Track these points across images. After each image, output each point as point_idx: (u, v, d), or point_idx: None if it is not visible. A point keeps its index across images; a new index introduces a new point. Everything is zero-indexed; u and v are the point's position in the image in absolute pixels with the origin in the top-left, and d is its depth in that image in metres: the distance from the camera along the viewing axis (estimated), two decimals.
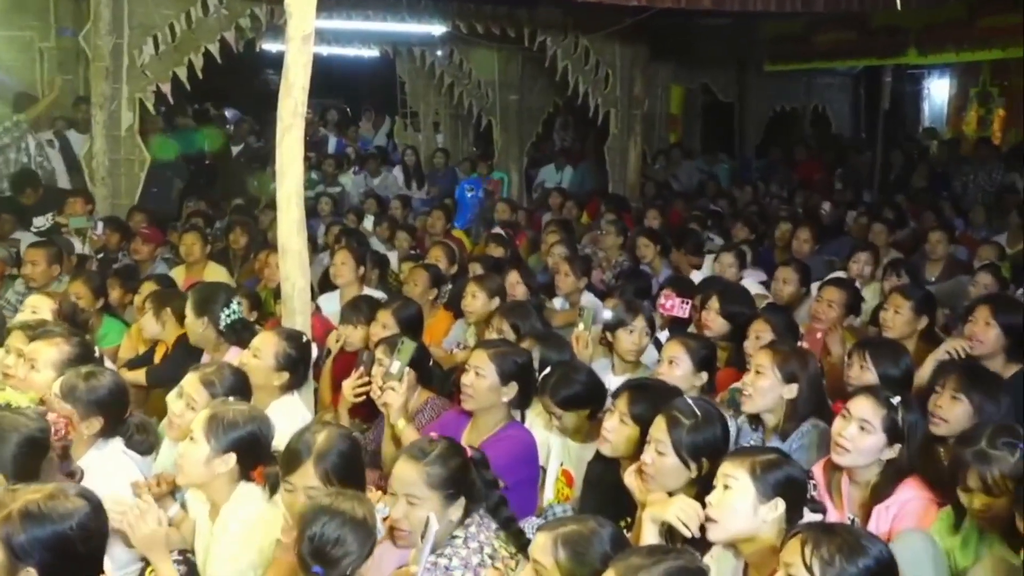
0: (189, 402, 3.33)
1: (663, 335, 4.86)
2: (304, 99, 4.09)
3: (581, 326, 4.47)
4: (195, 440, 2.96)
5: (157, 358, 4.84)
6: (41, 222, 7.62)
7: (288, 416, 3.72)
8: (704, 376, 3.93)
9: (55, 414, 3.00)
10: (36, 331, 3.72)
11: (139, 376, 4.66)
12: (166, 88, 8.06)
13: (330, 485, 2.74)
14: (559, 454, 3.74)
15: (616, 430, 3.21)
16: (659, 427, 2.95)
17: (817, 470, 3.21)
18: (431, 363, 4.20)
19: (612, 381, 3.97)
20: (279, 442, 3.51)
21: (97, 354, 3.78)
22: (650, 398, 3.17)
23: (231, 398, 3.17)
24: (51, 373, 3.49)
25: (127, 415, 3.36)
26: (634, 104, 10.44)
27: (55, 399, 3.19)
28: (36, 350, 3.57)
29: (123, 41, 7.88)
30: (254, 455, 2.96)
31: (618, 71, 10.31)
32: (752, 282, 6.01)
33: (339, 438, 2.85)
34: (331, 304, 5.70)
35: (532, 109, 11.82)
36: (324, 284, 6.22)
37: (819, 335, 4.26)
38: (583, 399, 3.65)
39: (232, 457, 2.91)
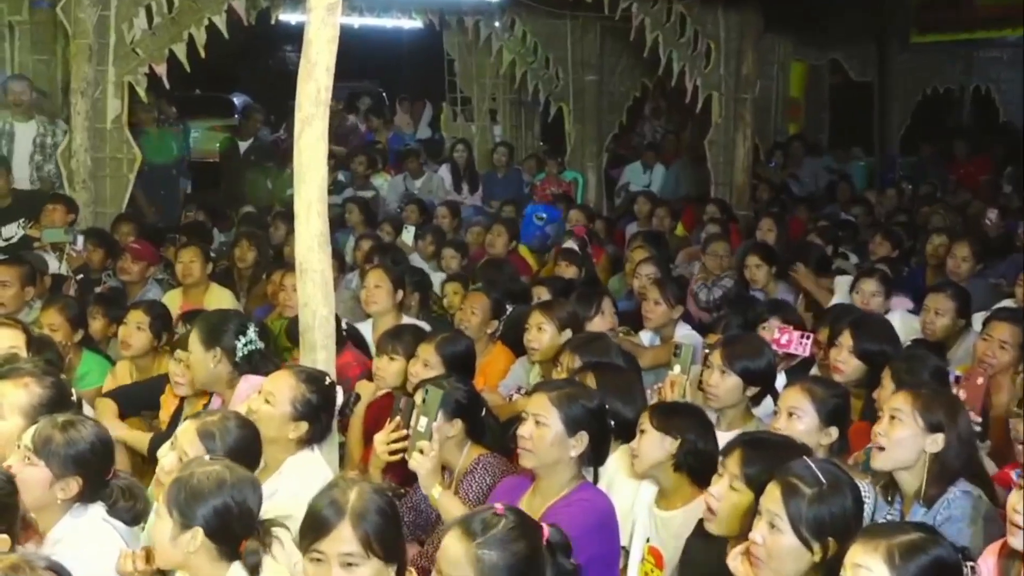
0: (182, 456, 3.38)
1: (779, 379, 4.82)
2: (329, 83, 4.15)
3: (677, 368, 4.45)
4: (159, 514, 3.02)
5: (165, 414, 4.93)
6: (10, 232, 7.82)
7: (306, 476, 3.76)
8: (834, 432, 3.89)
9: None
10: (2, 368, 3.82)
11: (138, 441, 4.74)
12: (161, 70, 8.25)
13: (371, 552, 2.77)
14: (646, 526, 3.74)
15: (725, 498, 3.21)
16: (772, 497, 2.93)
17: (988, 560, 3.14)
18: (484, 412, 4.21)
19: (720, 438, 3.96)
20: (297, 509, 3.58)
21: (75, 398, 3.86)
22: (771, 457, 3.15)
23: (206, 456, 3.20)
24: (19, 420, 3.57)
25: (110, 476, 3.42)
26: (743, 86, 10.41)
27: (21, 450, 3.27)
28: (1, 392, 3.64)
29: (109, 13, 8.09)
30: (229, 530, 2.97)
31: (723, 45, 10.30)
32: (902, 314, 5.95)
33: (376, 495, 2.88)
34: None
35: (614, 94, 11.87)
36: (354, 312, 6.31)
37: (980, 380, 4.19)
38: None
39: (199, 532, 2.95)
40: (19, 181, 8.35)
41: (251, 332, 4.52)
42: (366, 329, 5.84)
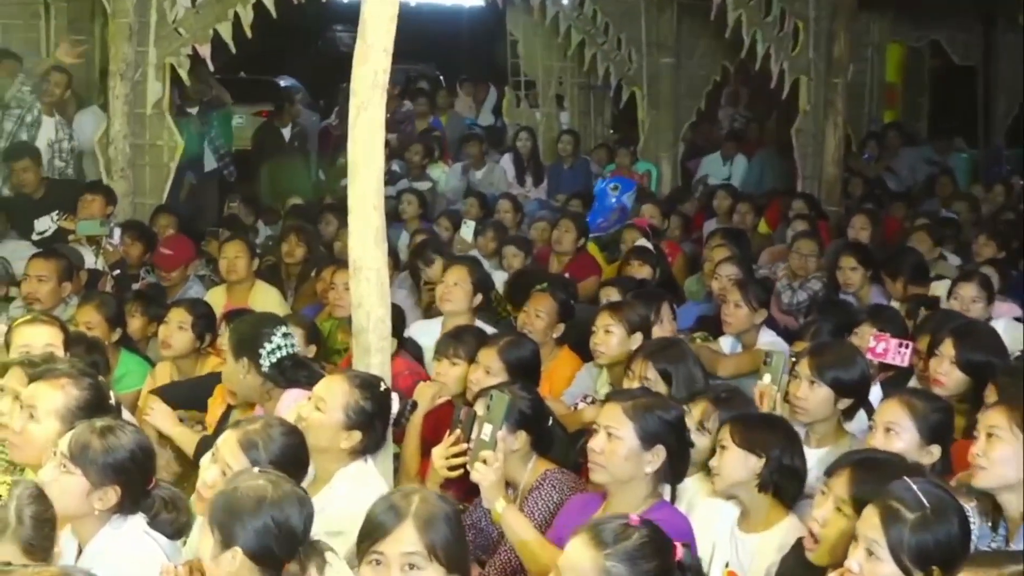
0: (225, 469, 3.41)
1: (874, 391, 4.77)
2: (387, 65, 4.18)
3: (767, 378, 4.42)
4: (203, 529, 3.05)
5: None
6: (44, 225, 7.95)
7: (358, 490, 3.79)
8: (936, 451, 3.85)
9: None
10: (38, 368, 3.89)
11: (187, 441, 4.79)
12: (205, 51, 8.35)
13: (434, 558, 2.81)
14: (725, 550, 3.72)
15: (830, 523, 3.19)
16: (871, 522, 2.91)
17: None
18: (550, 423, 4.22)
19: (808, 455, 3.93)
20: (350, 524, 3.60)
21: (114, 401, 3.92)
22: (885, 479, 3.11)
23: (255, 469, 3.23)
24: (55, 424, 3.63)
25: (152, 485, 3.47)
26: (835, 70, 10.32)
27: (56, 457, 3.31)
28: (36, 394, 3.72)
29: None
30: (270, 551, 2.98)
31: (812, 25, 10.22)
32: (1007, 322, 5.86)
33: (441, 501, 2.93)
34: (425, 338, 5.80)
35: (692, 78, 11.81)
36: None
37: None
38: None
39: (238, 552, 2.97)
40: None
41: (277, 338, 4.50)
42: (432, 331, 5.87)
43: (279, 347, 4.49)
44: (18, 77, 8.60)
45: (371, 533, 2.91)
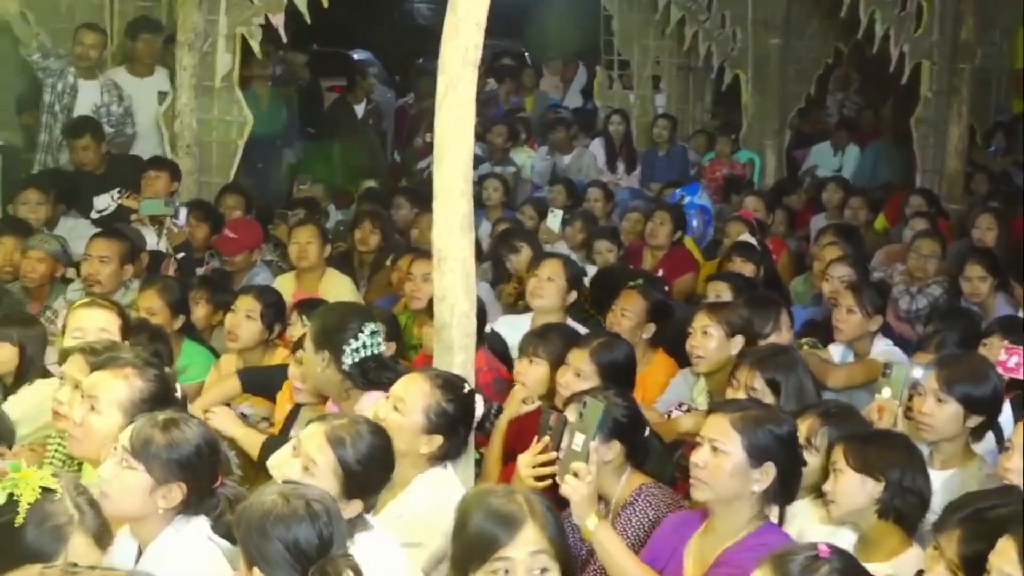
0: (308, 465, 3.42)
1: (1004, 410, 4.67)
2: (479, 40, 4.17)
3: (886, 392, 4.33)
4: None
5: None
6: (104, 203, 8.05)
7: (437, 498, 3.80)
8: None
9: None
10: (101, 357, 3.93)
11: (251, 443, 4.80)
12: (278, 21, 8.40)
13: (557, 559, 2.85)
14: None
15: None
16: (1006, 555, 2.86)
17: None
18: (646, 432, 4.18)
19: (932, 477, 3.85)
20: (427, 534, 3.59)
21: (180, 394, 3.95)
22: (994, 534, 3.01)
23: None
24: (117, 417, 3.67)
25: (218, 483, 3.48)
26: (960, 54, 10.16)
27: (117, 451, 3.33)
28: (99, 384, 3.75)
29: None
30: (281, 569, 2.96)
31: (936, 4, 10.08)
32: None
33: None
34: (512, 334, 5.79)
35: (802, 60, 11.69)
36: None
37: None
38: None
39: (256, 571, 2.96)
40: None
41: (365, 335, 4.48)
42: (519, 326, 5.86)
43: (365, 345, 4.47)
44: (31, 46, 8.59)
45: (488, 544, 2.89)
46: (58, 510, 2.84)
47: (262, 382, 5.31)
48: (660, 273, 7.55)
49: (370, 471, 3.43)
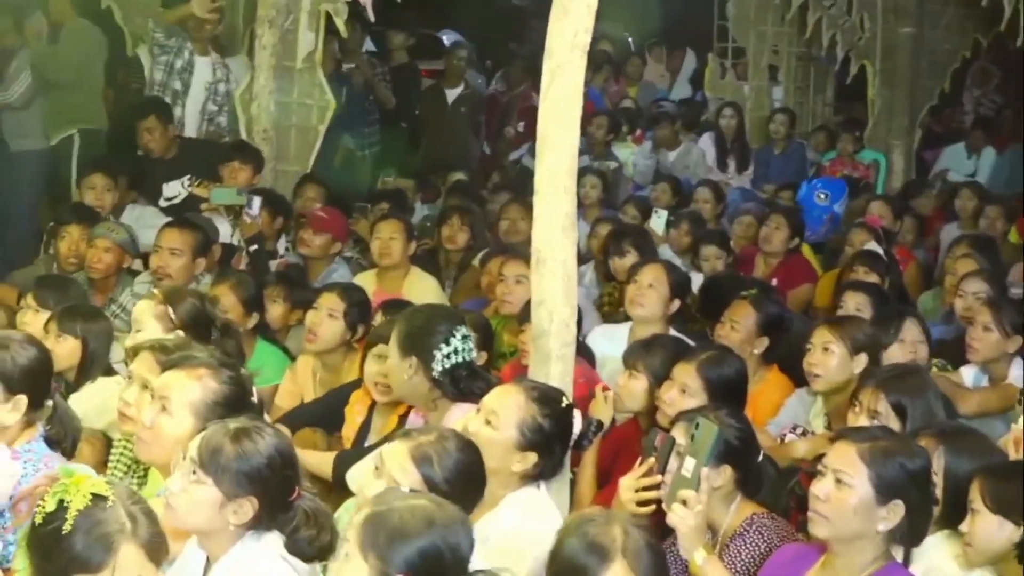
0: (391, 484, 3.42)
1: None
2: (589, 24, 4.20)
3: None
4: (349, 557, 3.05)
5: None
6: (173, 190, 8.16)
7: (528, 521, 3.81)
8: None
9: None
10: (173, 356, 3.99)
11: (320, 464, 4.85)
12: None
13: None
14: None
15: None
16: None
17: None
18: (759, 457, 4.16)
19: None
20: (516, 559, 3.60)
21: (255, 398, 4.00)
22: None
23: (406, 488, 3.23)
24: (189, 420, 3.71)
25: (294, 495, 3.52)
26: None
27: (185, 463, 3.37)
28: (171, 384, 3.79)
29: None
30: None
31: None
32: None
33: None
34: (609, 345, 5.78)
35: (936, 52, 11.56)
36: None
37: None
38: None
39: None
40: (188, 131, 8.73)
41: (456, 341, 4.51)
42: (617, 336, 5.87)
43: (456, 351, 4.50)
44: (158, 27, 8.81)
45: (577, 573, 2.92)
46: (108, 518, 2.88)
47: (317, 417, 5.35)
48: (774, 283, 7.51)
49: (458, 491, 3.43)
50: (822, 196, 9.66)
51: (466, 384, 4.48)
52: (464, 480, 3.48)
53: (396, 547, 2.98)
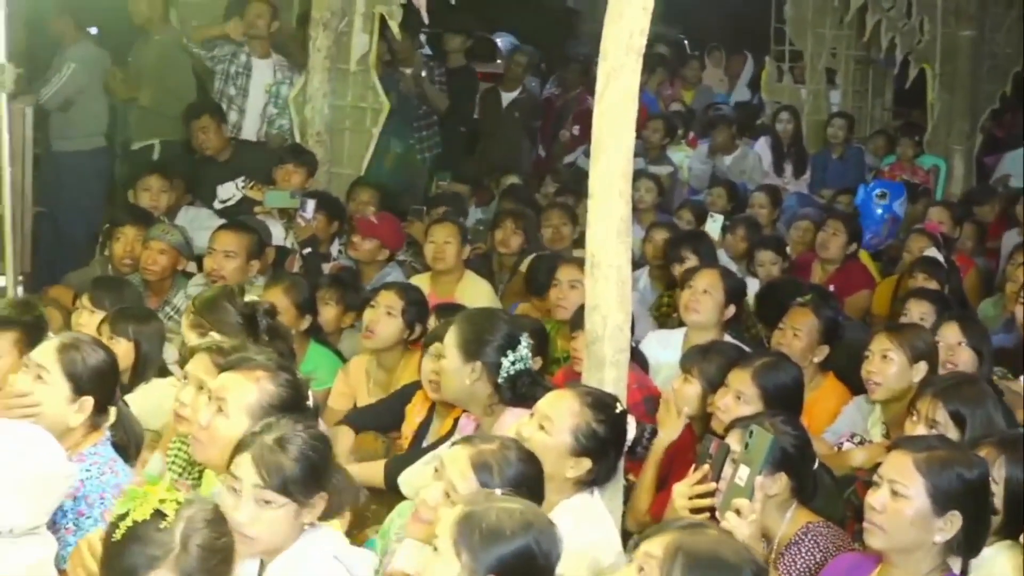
0: (449, 491, 3.47)
1: None
2: (645, 25, 4.22)
3: None
4: (440, 552, 3.08)
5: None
6: (227, 192, 8.23)
7: (581, 527, 3.81)
8: None
9: None
10: (229, 357, 4.03)
11: (371, 474, 4.88)
12: (421, 1, 8.50)
13: None
14: None
15: None
16: None
17: None
18: (815, 465, 4.15)
19: None
20: (572, 567, 3.61)
21: (311, 401, 4.04)
22: None
23: (498, 491, 3.27)
24: (245, 422, 3.74)
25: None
26: None
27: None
28: (228, 386, 3.84)
29: None
30: None
31: None
32: None
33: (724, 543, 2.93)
34: (664, 352, 5.82)
35: (997, 56, 11.49)
36: None
37: None
38: None
39: None
40: (247, 134, 8.80)
41: (523, 348, 4.55)
42: (671, 343, 5.87)
43: (521, 359, 4.54)
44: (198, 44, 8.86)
45: None
46: (158, 539, 2.92)
47: (378, 419, 5.41)
48: (831, 289, 7.49)
49: None
50: (881, 195, 9.60)
51: (528, 390, 4.50)
52: (522, 490, 3.44)
53: (491, 546, 3.02)
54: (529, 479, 3.56)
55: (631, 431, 4.12)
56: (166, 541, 2.91)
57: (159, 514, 2.94)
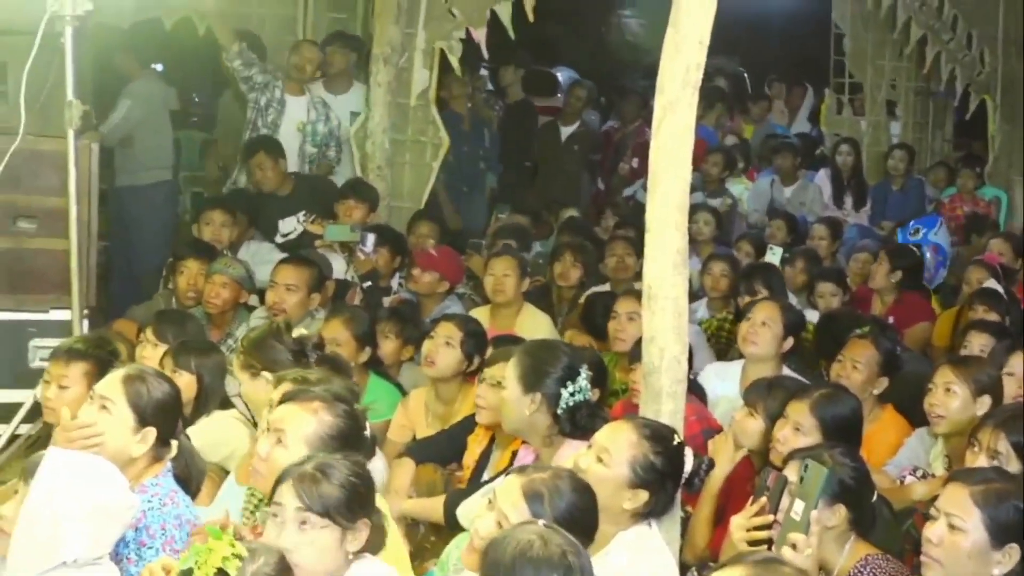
0: (502, 521, 3.47)
1: None
2: (701, 60, 4.24)
3: None
4: None
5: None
6: (289, 226, 8.29)
7: (639, 559, 3.82)
8: None
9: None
10: (290, 389, 4.07)
11: (429, 510, 4.92)
12: (479, 36, 8.57)
13: None
14: None
15: None
16: None
17: None
18: (874, 498, 4.13)
19: None
20: None
21: (368, 432, 4.06)
22: None
23: (541, 522, 3.24)
24: (303, 452, 3.74)
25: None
26: None
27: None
28: (286, 417, 3.89)
29: None
30: None
31: None
32: None
33: None
34: (722, 385, 5.83)
35: None
36: None
37: None
38: None
39: None
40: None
41: (582, 380, 4.58)
42: (729, 375, 5.85)
43: (581, 390, 4.56)
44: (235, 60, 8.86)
45: None
46: None
47: (439, 451, 5.42)
48: (890, 320, 7.44)
49: (568, 532, 3.41)
50: (914, 232, 9.51)
51: (587, 422, 4.51)
52: (573, 522, 3.43)
53: (497, 573, 3.00)
54: (581, 510, 3.55)
55: (688, 463, 4.11)
56: None
57: (223, 573, 2.96)
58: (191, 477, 4.17)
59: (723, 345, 7.11)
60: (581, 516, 3.53)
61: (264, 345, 5.04)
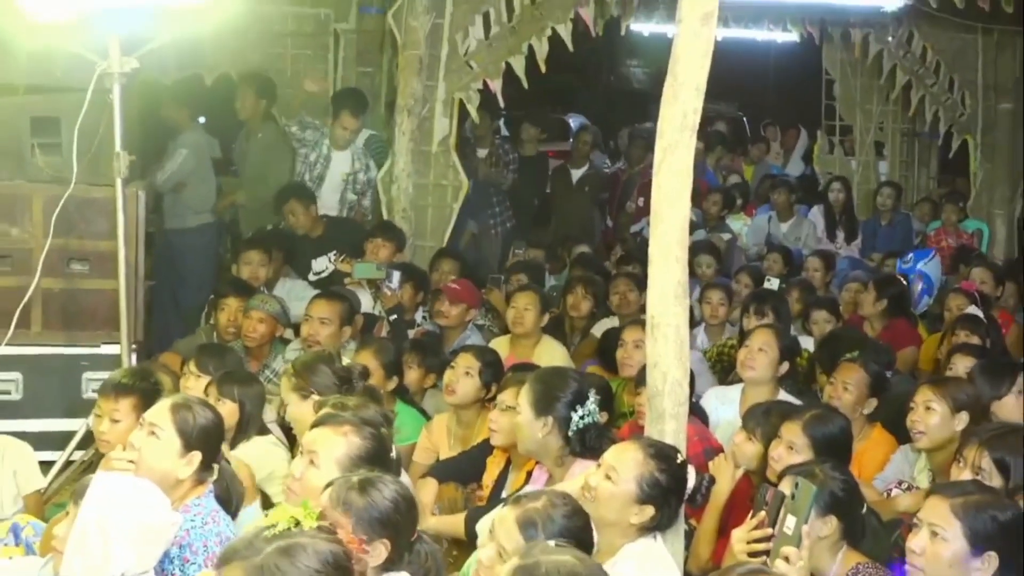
0: (500, 551, 3.45)
1: None
2: (698, 105, 4.22)
3: None
4: None
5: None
6: (321, 265, 8.36)
7: (645, 569, 3.82)
8: None
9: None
10: (322, 413, 4.10)
11: (451, 527, 4.92)
12: (496, 86, 8.63)
13: None
14: None
15: None
16: None
17: None
18: (863, 509, 4.13)
19: None
20: None
21: (395, 454, 4.09)
22: None
23: (551, 542, 3.21)
24: (335, 473, 3.80)
25: (415, 538, 3.57)
26: None
27: (332, 511, 3.46)
28: (318, 440, 3.93)
29: (443, 22, 8.61)
30: None
31: None
32: None
33: None
34: (722, 408, 5.82)
35: None
36: None
37: None
38: None
39: None
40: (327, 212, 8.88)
41: (590, 403, 4.62)
42: (729, 399, 5.87)
43: (589, 413, 4.59)
44: (293, 125, 9.06)
45: None
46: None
47: (460, 471, 5.41)
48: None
49: None
50: (905, 261, 9.49)
51: (595, 443, 4.54)
52: (568, 544, 3.31)
53: None
54: (574, 532, 3.52)
55: (691, 480, 4.12)
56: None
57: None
58: (231, 498, 4.20)
59: (726, 367, 7.11)
60: (575, 537, 3.46)
61: (314, 369, 5.12)
